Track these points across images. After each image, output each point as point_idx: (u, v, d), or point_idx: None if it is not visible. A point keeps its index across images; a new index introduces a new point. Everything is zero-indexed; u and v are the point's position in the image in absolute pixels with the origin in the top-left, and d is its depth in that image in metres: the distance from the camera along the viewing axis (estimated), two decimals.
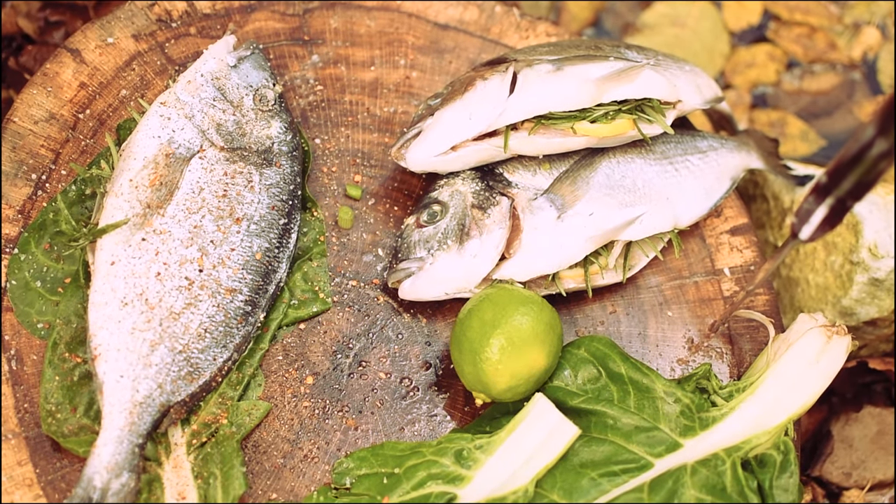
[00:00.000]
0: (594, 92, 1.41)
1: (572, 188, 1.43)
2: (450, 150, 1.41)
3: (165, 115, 1.41)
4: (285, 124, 1.46)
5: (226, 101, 1.45)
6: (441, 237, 1.39)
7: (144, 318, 1.29)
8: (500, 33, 1.65)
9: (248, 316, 1.36)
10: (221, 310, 1.34)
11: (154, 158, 1.36)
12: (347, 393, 1.38)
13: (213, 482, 1.26)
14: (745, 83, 2.08)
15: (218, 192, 1.38)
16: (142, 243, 1.32)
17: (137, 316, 1.29)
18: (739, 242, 1.55)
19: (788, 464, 1.30)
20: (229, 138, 1.42)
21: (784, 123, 2.05)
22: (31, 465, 1.27)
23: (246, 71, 1.48)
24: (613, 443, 1.29)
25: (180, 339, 1.30)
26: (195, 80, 1.45)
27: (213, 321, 1.33)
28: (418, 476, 1.26)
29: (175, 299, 1.31)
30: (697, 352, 1.46)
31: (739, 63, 2.09)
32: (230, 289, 1.35)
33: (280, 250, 1.40)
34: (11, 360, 1.31)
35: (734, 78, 2.08)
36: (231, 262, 1.36)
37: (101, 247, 1.32)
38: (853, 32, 2.13)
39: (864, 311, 1.63)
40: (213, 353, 1.32)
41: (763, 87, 2.08)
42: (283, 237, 1.41)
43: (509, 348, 1.28)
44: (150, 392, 1.26)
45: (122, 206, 1.34)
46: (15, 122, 1.42)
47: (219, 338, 1.33)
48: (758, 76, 2.08)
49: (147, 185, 1.35)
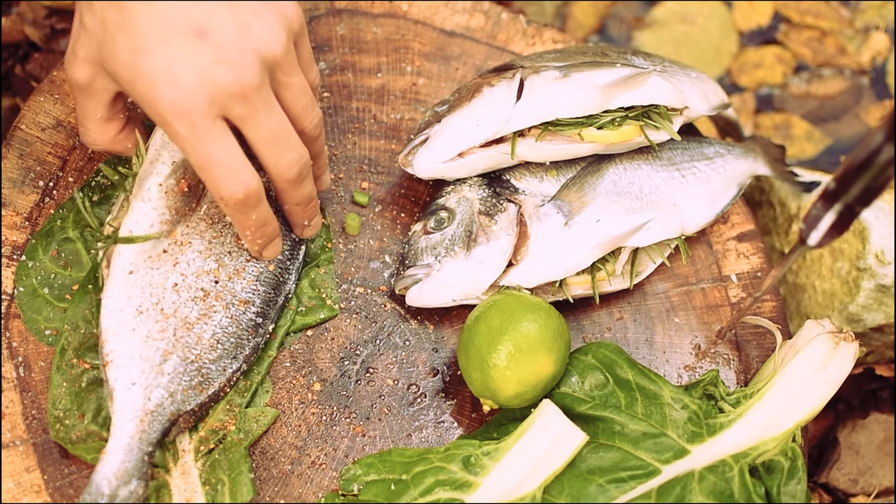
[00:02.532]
0: (601, 98, 1.41)
1: (579, 195, 1.43)
2: (457, 157, 1.41)
3: None
4: None
5: None
6: (448, 244, 1.39)
7: (159, 328, 1.29)
8: (507, 40, 1.66)
9: (258, 328, 1.36)
10: (234, 321, 1.33)
11: (182, 163, 1.35)
12: (355, 399, 1.38)
13: (221, 489, 1.26)
14: (751, 83, 2.08)
15: None
16: (162, 255, 1.32)
17: (152, 325, 1.29)
18: (746, 249, 1.55)
19: (796, 470, 1.29)
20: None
21: (789, 126, 2.06)
22: (39, 471, 1.27)
23: None
24: (621, 449, 1.29)
25: (193, 349, 1.30)
26: None
27: (225, 332, 1.33)
28: (426, 482, 1.26)
29: (190, 310, 1.31)
30: (704, 358, 1.46)
31: (747, 63, 2.09)
32: (244, 300, 1.35)
33: (291, 262, 1.40)
34: (19, 366, 1.32)
35: (740, 77, 2.08)
36: (246, 273, 1.36)
37: (119, 252, 1.31)
38: (863, 37, 2.13)
39: (870, 318, 1.63)
40: (223, 363, 1.32)
41: (769, 88, 2.08)
42: (294, 248, 1.41)
43: (517, 355, 1.28)
44: (161, 401, 1.26)
45: (149, 212, 1.32)
46: (22, 130, 1.43)
47: (230, 349, 1.33)
48: (764, 77, 2.08)
49: (176, 192, 1.34)
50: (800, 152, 2.03)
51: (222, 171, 1.18)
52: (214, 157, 1.17)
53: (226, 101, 1.16)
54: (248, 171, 1.20)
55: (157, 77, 1.14)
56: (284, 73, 1.22)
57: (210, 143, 1.16)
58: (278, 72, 1.21)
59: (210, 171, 1.18)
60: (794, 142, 2.04)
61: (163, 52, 1.13)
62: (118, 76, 1.18)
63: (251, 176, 1.20)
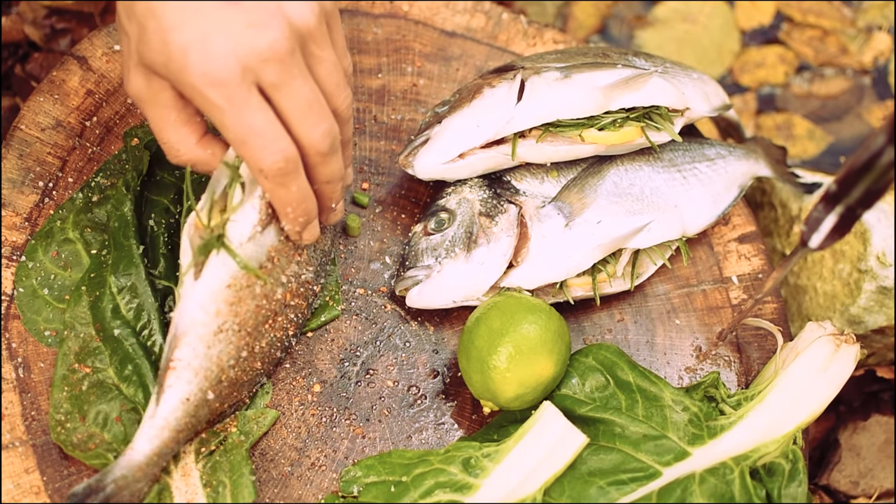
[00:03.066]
0: (602, 100, 1.41)
1: (580, 196, 1.43)
2: (457, 158, 1.41)
3: None
4: None
5: None
6: (449, 245, 1.39)
7: (231, 349, 1.24)
8: (508, 41, 1.65)
9: (288, 349, 1.36)
10: (280, 344, 1.33)
11: None
12: (355, 401, 1.38)
13: (223, 490, 1.25)
14: (753, 82, 2.08)
15: None
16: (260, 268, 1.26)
17: (225, 346, 1.24)
18: (747, 250, 1.54)
19: (797, 472, 1.29)
20: None
21: (790, 125, 2.05)
22: (39, 472, 1.27)
23: None
24: (622, 451, 1.29)
25: (247, 372, 1.29)
26: None
27: (268, 355, 1.31)
28: (426, 484, 1.26)
29: (259, 334, 1.28)
30: (705, 360, 1.45)
31: (749, 62, 2.09)
32: (294, 322, 1.34)
33: (321, 276, 1.39)
34: (19, 367, 1.31)
35: (742, 77, 2.08)
36: (301, 293, 1.33)
37: (224, 261, 1.22)
38: (865, 37, 2.13)
39: (871, 320, 1.63)
40: (257, 383, 1.33)
41: (770, 88, 2.08)
42: (324, 262, 1.39)
43: (517, 356, 1.28)
44: (204, 417, 1.26)
45: (253, 219, 1.24)
46: (22, 130, 1.43)
47: (268, 369, 1.33)
48: (766, 76, 2.08)
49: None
50: (802, 152, 2.02)
51: (261, 140, 1.13)
52: (254, 127, 1.12)
53: (260, 66, 1.11)
54: (286, 140, 1.14)
55: (187, 49, 1.09)
56: (318, 46, 1.16)
57: (248, 112, 1.11)
58: (311, 43, 1.16)
59: (249, 142, 1.13)
60: (797, 141, 2.03)
61: (192, 24, 1.09)
62: (154, 64, 1.13)
63: (289, 144, 1.15)
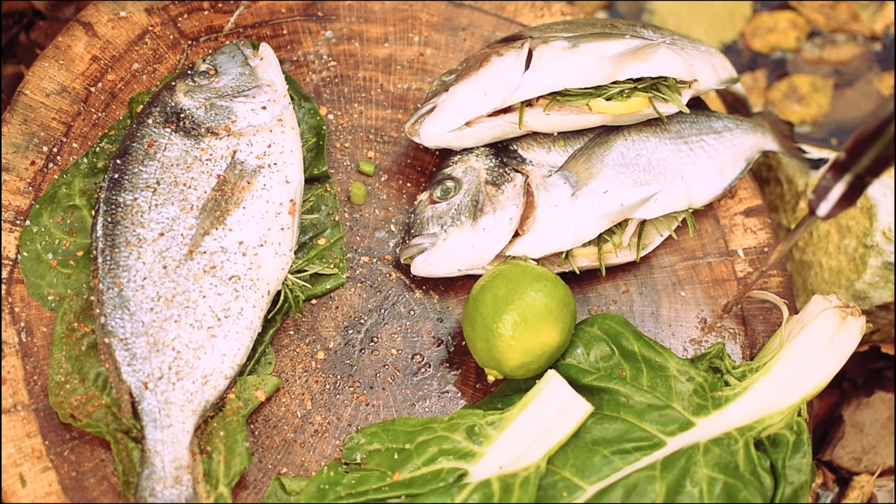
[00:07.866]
0: (610, 69, 1.40)
1: (587, 165, 1.42)
2: (464, 126, 1.40)
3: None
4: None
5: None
6: (454, 213, 1.38)
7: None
8: (515, 12, 1.64)
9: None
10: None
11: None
12: (358, 368, 1.37)
13: (217, 457, 1.25)
14: (764, 47, 2.06)
15: None
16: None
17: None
18: (753, 224, 1.54)
19: (801, 444, 1.29)
20: None
21: (795, 88, 2.04)
22: (41, 437, 1.26)
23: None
24: (626, 421, 1.28)
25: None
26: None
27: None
28: (429, 452, 1.26)
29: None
30: (710, 332, 1.45)
31: (760, 27, 2.08)
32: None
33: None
34: (21, 332, 1.31)
35: (754, 41, 2.06)
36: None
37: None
38: (878, 6, 2.12)
39: (877, 295, 1.62)
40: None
41: (782, 52, 2.07)
42: None
43: (522, 325, 1.28)
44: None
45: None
46: (26, 95, 1.42)
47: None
48: (778, 41, 2.07)
49: None
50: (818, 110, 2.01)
51: None
52: None
53: None
54: None
55: None
56: None
57: None
58: None
59: None
60: (807, 101, 2.02)
61: None
62: None
63: None
